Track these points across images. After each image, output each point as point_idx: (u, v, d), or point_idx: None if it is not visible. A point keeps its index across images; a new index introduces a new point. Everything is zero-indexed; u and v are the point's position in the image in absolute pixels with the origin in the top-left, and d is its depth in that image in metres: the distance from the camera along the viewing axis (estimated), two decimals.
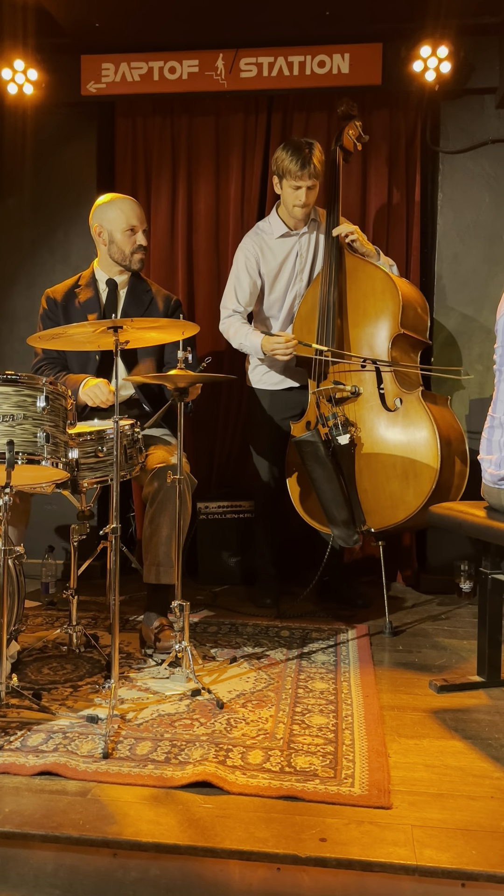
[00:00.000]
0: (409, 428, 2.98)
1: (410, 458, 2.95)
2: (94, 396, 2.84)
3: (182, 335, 2.48)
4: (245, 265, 3.34)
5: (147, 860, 1.64)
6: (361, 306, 3.16)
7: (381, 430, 3.04)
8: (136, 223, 3.07)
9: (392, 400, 3.04)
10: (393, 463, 2.99)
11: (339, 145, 3.36)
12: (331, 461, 3.00)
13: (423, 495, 2.91)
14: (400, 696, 2.42)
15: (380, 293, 3.12)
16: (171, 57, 3.64)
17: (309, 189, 3.20)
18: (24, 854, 1.67)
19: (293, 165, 3.14)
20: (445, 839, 1.66)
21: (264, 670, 2.61)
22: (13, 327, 3.90)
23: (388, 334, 3.09)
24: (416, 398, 3.00)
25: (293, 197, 3.22)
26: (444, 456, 2.92)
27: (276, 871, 1.60)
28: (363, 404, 3.10)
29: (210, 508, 3.70)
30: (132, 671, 2.59)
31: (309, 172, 3.15)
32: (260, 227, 3.41)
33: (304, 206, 3.23)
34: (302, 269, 3.37)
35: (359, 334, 3.15)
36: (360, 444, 3.06)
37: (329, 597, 3.41)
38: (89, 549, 2.92)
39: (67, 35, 3.59)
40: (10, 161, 3.89)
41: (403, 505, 2.96)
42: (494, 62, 3.49)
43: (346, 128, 3.36)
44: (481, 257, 3.63)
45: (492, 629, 2.49)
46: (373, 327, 3.12)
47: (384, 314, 3.10)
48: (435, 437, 2.91)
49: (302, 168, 3.13)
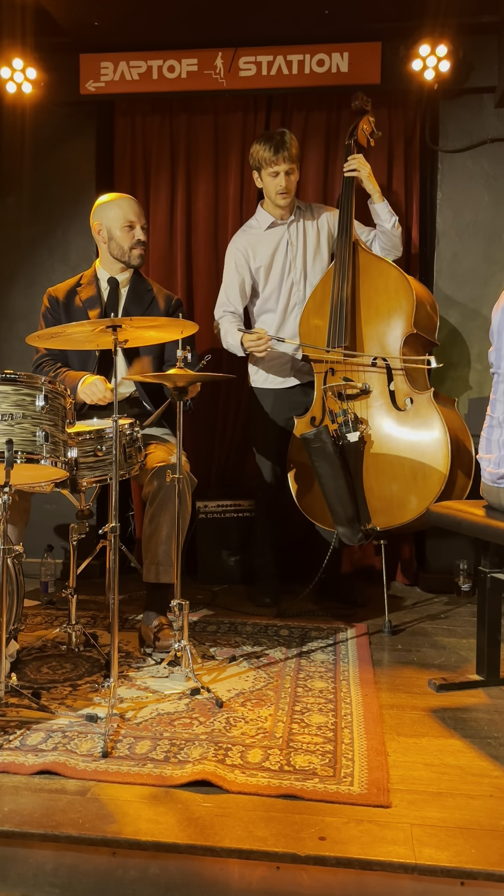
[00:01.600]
0: (420, 429, 2.98)
1: (419, 459, 2.94)
2: (91, 394, 2.84)
3: (181, 334, 2.48)
4: (235, 263, 3.37)
5: (146, 859, 1.64)
6: (374, 304, 3.15)
7: (390, 430, 3.04)
8: (134, 218, 3.08)
9: (402, 399, 3.04)
10: (401, 463, 2.99)
11: (354, 140, 3.37)
12: (338, 458, 2.99)
13: (431, 498, 2.90)
14: (399, 695, 2.42)
15: (393, 291, 3.12)
16: (170, 56, 3.64)
17: (287, 174, 3.23)
18: (24, 853, 1.67)
19: (267, 153, 3.20)
20: (444, 838, 1.66)
21: (263, 669, 2.61)
22: (12, 326, 3.90)
23: (401, 333, 3.08)
24: (427, 399, 2.99)
25: (273, 185, 3.26)
26: (454, 459, 2.91)
27: (275, 869, 1.61)
28: (372, 402, 3.09)
29: (209, 507, 3.70)
30: (131, 670, 2.59)
31: (283, 156, 3.19)
32: (248, 225, 3.45)
33: (285, 193, 3.26)
34: (294, 256, 3.38)
35: (370, 332, 3.14)
36: (369, 441, 3.06)
37: (328, 596, 3.41)
38: (88, 548, 2.92)
39: (66, 34, 3.59)
40: (9, 160, 3.89)
41: (410, 506, 2.96)
42: (493, 61, 3.49)
43: (361, 122, 3.36)
44: (480, 256, 3.63)
45: (491, 628, 2.49)
46: (385, 325, 3.11)
47: (397, 313, 3.10)
48: (446, 440, 2.90)
49: (276, 153, 3.19)
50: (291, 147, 3.21)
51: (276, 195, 3.28)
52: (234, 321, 3.35)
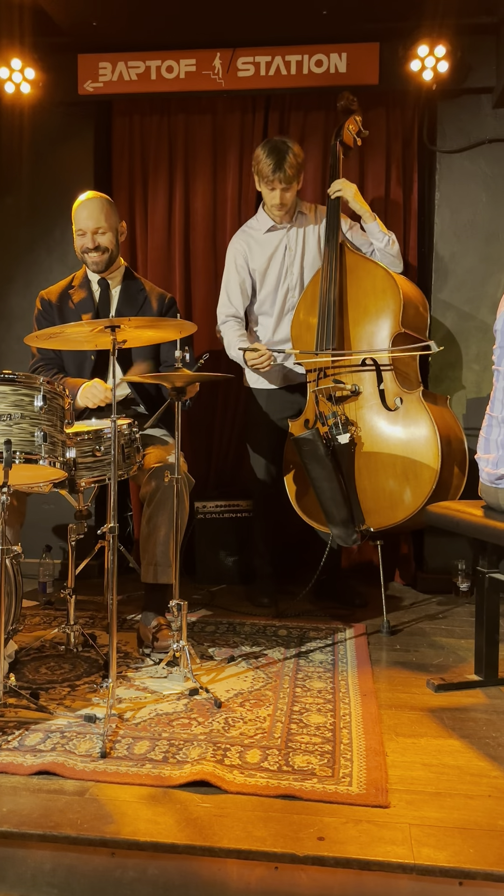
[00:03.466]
0: (410, 428, 2.98)
1: (410, 458, 2.95)
2: (91, 397, 2.84)
3: (179, 334, 2.48)
4: (235, 264, 3.37)
5: (145, 859, 1.64)
6: (362, 304, 3.16)
7: (381, 430, 3.04)
8: (84, 226, 3.05)
9: (392, 399, 3.04)
10: (393, 462, 2.99)
11: (339, 140, 3.37)
12: (330, 460, 3.00)
13: (423, 496, 2.91)
14: (398, 696, 2.43)
15: (380, 291, 3.12)
16: (169, 56, 3.64)
17: (283, 191, 3.22)
18: (22, 853, 1.67)
19: (266, 168, 3.18)
20: (443, 838, 1.67)
21: (262, 669, 2.61)
22: (10, 327, 3.90)
23: (389, 333, 3.09)
24: (416, 398, 3.00)
25: (269, 197, 3.27)
26: (445, 456, 2.92)
27: (273, 870, 1.61)
28: (363, 403, 3.10)
29: (208, 508, 3.70)
30: (130, 670, 2.59)
31: (279, 178, 3.17)
32: (248, 225, 3.44)
33: (280, 207, 3.27)
34: (291, 262, 3.37)
35: (359, 332, 3.15)
36: (360, 443, 3.06)
37: (326, 596, 3.41)
38: (87, 548, 2.92)
39: (65, 34, 3.58)
40: (7, 160, 3.88)
41: (403, 505, 2.96)
42: (492, 62, 3.49)
43: (347, 122, 3.36)
44: (478, 256, 3.63)
45: (489, 628, 2.50)
46: (373, 325, 3.12)
47: (385, 312, 3.10)
48: (436, 437, 2.91)
49: (273, 172, 3.17)
50: (290, 168, 3.16)
51: (270, 206, 3.30)
52: (236, 328, 3.34)
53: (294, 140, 3.32)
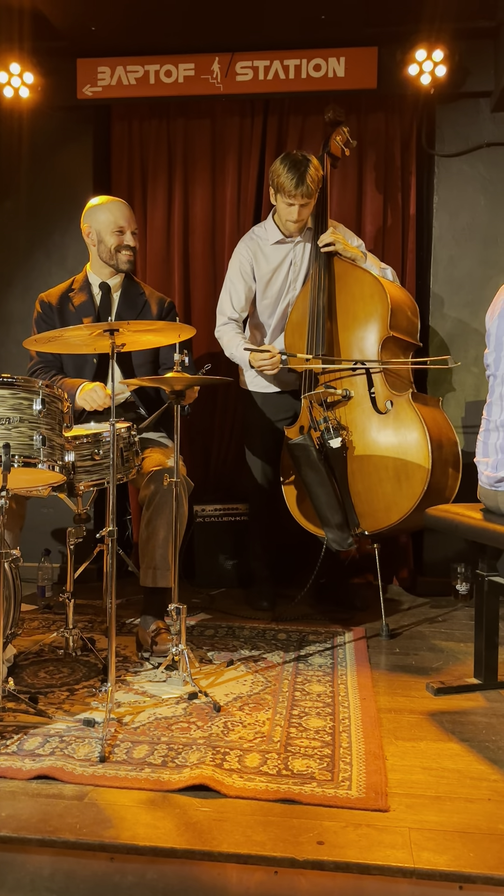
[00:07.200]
0: (400, 430, 2.99)
1: (402, 459, 2.96)
2: (91, 400, 2.84)
3: (178, 338, 2.48)
4: (239, 269, 3.35)
5: (144, 864, 1.63)
6: (351, 310, 3.17)
7: (373, 433, 3.05)
8: (124, 224, 3.07)
9: (383, 402, 3.05)
10: (385, 465, 3.00)
11: (327, 152, 3.37)
12: (323, 465, 3.00)
13: (416, 496, 2.91)
14: (397, 699, 2.42)
15: (368, 296, 3.13)
16: (168, 60, 3.64)
17: (302, 206, 3.20)
18: (21, 858, 1.66)
19: (288, 183, 3.13)
20: (443, 842, 1.66)
21: (261, 673, 2.60)
22: (9, 330, 3.90)
23: (378, 337, 3.09)
24: (406, 400, 3.00)
25: (287, 212, 3.22)
26: (435, 457, 2.92)
27: (273, 874, 1.60)
28: (354, 407, 3.10)
29: (206, 511, 3.69)
30: (129, 675, 2.59)
31: (302, 192, 3.14)
32: (255, 233, 3.41)
33: (297, 222, 3.25)
34: (295, 277, 3.37)
35: (349, 338, 3.16)
36: (352, 447, 3.07)
37: (325, 599, 3.41)
38: (86, 552, 2.92)
39: (64, 38, 3.59)
40: (7, 164, 3.89)
41: (396, 507, 2.97)
42: (489, 66, 3.50)
43: (334, 134, 3.37)
44: (477, 260, 3.64)
45: (488, 631, 2.49)
46: (362, 330, 3.13)
47: (373, 317, 3.11)
48: (425, 438, 2.92)
49: (296, 188, 3.13)
50: (312, 182, 3.14)
51: (287, 221, 3.26)
52: (237, 332, 3.33)
53: (310, 152, 3.28)
